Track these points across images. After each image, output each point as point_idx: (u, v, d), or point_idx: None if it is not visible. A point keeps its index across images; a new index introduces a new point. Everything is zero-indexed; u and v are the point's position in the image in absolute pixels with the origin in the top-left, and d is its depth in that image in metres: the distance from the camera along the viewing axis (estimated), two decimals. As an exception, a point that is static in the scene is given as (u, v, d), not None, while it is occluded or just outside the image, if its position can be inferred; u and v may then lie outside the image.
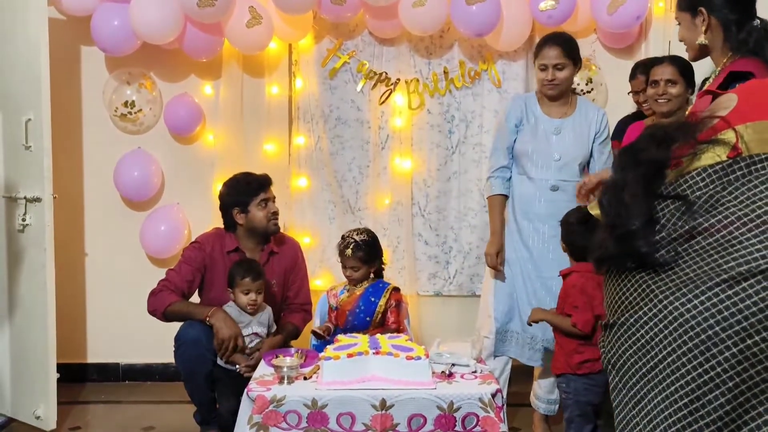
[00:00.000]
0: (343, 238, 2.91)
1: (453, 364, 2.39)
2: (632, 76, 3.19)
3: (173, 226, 3.65)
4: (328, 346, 2.39)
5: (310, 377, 2.33)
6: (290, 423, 2.19)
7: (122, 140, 3.68)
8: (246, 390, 2.26)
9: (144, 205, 3.71)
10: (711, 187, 1.46)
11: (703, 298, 1.36)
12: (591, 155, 2.92)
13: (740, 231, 1.40)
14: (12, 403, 3.13)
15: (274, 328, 2.87)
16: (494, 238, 2.90)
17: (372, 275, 2.93)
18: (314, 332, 2.87)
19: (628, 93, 3.27)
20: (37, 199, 2.96)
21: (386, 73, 3.67)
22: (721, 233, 1.41)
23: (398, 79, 3.66)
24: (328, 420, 2.18)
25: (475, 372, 2.38)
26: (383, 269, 2.99)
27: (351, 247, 2.84)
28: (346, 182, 3.74)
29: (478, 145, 3.71)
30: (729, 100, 1.58)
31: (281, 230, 3.06)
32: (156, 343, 3.62)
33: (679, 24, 1.91)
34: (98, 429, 3.20)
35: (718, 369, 1.33)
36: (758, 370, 1.33)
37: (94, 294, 3.79)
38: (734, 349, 1.33)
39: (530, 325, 2.68)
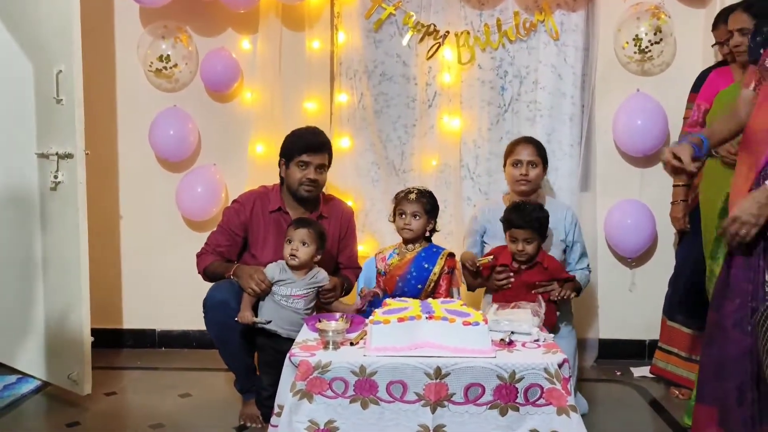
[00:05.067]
0: (401, 191, 2.75)
1: (512, 332, 2.19)
2: (715, 26, 2.90)
3: (210, 188, 3.49)
4: (376, 310, 2.20)
5: (357, 343, 2.15)
6: (336, 391, 2.01)
7: (157, 98, 3.53)
8: (288, 355, 2.09)
9: (180, 166, 3.57)
10: None
11: None
12: (563, 251, 2.92)
13: None
14: (47, 367, 3.04)
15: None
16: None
17: (424, 238, 2.72)
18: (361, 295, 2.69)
19: (713, 45, 2.99)
20: (69, 155, 2.82)
21: (434, 26, 3.43)
22: None
23: (447, 32, 3.42)
24: (377, 388, 2.00)
25: (537, 340, 2.17)
26: (433, 232, 2.77)
27: (415, 192, 2.67)
28: (390, 142, 3.53)
29: (533, 103, 3.45)
30: None
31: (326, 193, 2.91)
32: (193, 309, 3.45)
33: None
34: (134, 394, 3.10)
35: None
36: None
37: (130, 258, 3.68)
38: None
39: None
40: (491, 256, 2.69)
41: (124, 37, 3.54)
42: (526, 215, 2.65)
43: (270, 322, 2.50)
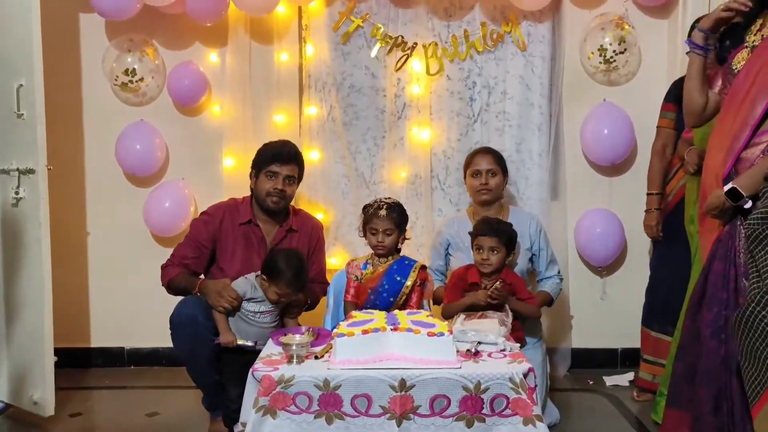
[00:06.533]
0: (368, 205, 2.67)
1: (479, 342, 2.17)
2: (690, 34, 2.92)
3: (178, 203, 3.45)
4: (341, 322, 2.18)
5: (322, 356, 2.11)
6: (300, 406, 1.98)
7: (124, 112, 3.50)
8: (251, 370, 2.05)
9: (147, 181, 3.52)
10: None
11: None
12: (531, 260, 2.92)
13: None
14: (9, 388, 2.96)
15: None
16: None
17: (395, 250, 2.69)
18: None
19: (687, 53, 3.01)
20: (31, 171, 2.77)
21: (402, 37, 3.43)
22: None
23: (415, 44, 3.43)
24: (341, 403, 1.97)
25: (503, 350, 2.16)
26: (403, 242, 2.75)
27: (384, 207, 2.60)
28: (360, 154, 3.52)
29: (502, 113, 3.47)
30: None
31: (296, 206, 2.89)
32: (163, 326, 3.38)
33: None
34: (99, 415, 3.04)
35: None
36: None
37: (97, 275, 3.62)
38: None
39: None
40: (499, 282, 2.58)
41: (90, 50, 3.51)
42: (494, 225, 2.65)
43: (257, 343, 2.47)
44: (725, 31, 2.21)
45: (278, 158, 2.73)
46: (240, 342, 2.48)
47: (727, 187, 2.00)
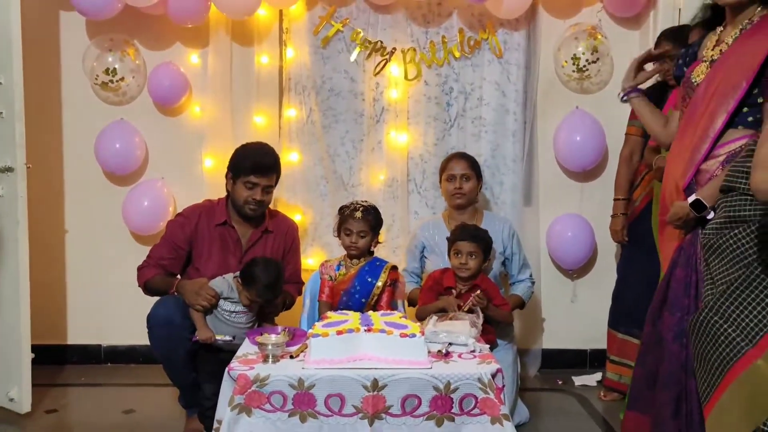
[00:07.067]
0: (345, 206, 2.74)
1: (450, 343, 2.23)
2: (657, 45, 3.01)
3: (157, 202, 3.48)
4: (316, 323, 2.23)
5: (297, 356, 2.17)
6: (275, 405, 2.03)
7: (104, 111, 3.51)
8: (227, 369, 2.09)
9: (126, 180, 3.54)
10: None
11: None
12: (504, 264, 3.01)
13: None
14: (-15, 386, 2.97)
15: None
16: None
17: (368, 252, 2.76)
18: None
19: (653, 63, 3.10)
20: (9, 169, 2.79)
21: (381, 42, 3.49)
22: None
23: (394, 49, 3.49)
24: (315, 402, 2.02)
25: (473, 351, 2.22)
26: (377, 245, 2.81)
27: (360, 210, 2.67)
28: (339, 157, 3.57)
29: (478, 119, 3.54)
30: None
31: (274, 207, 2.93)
32: (140, 323, 3.40)
33: None
34: (75, 412, 3.05)
35: None
36: None
37: (75, 273, 3.63)
38: None
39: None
40: (479, 291, 2.61)
41: (70, 49, 3.51)
42: (473, 231, 2.72)
43: (235, 337, 2.51)
44: (680, 53, 2.30)
45: (258, 170, 2.72)
46: (219, 337, 2.52)
47: (691, 199, 2.07)
